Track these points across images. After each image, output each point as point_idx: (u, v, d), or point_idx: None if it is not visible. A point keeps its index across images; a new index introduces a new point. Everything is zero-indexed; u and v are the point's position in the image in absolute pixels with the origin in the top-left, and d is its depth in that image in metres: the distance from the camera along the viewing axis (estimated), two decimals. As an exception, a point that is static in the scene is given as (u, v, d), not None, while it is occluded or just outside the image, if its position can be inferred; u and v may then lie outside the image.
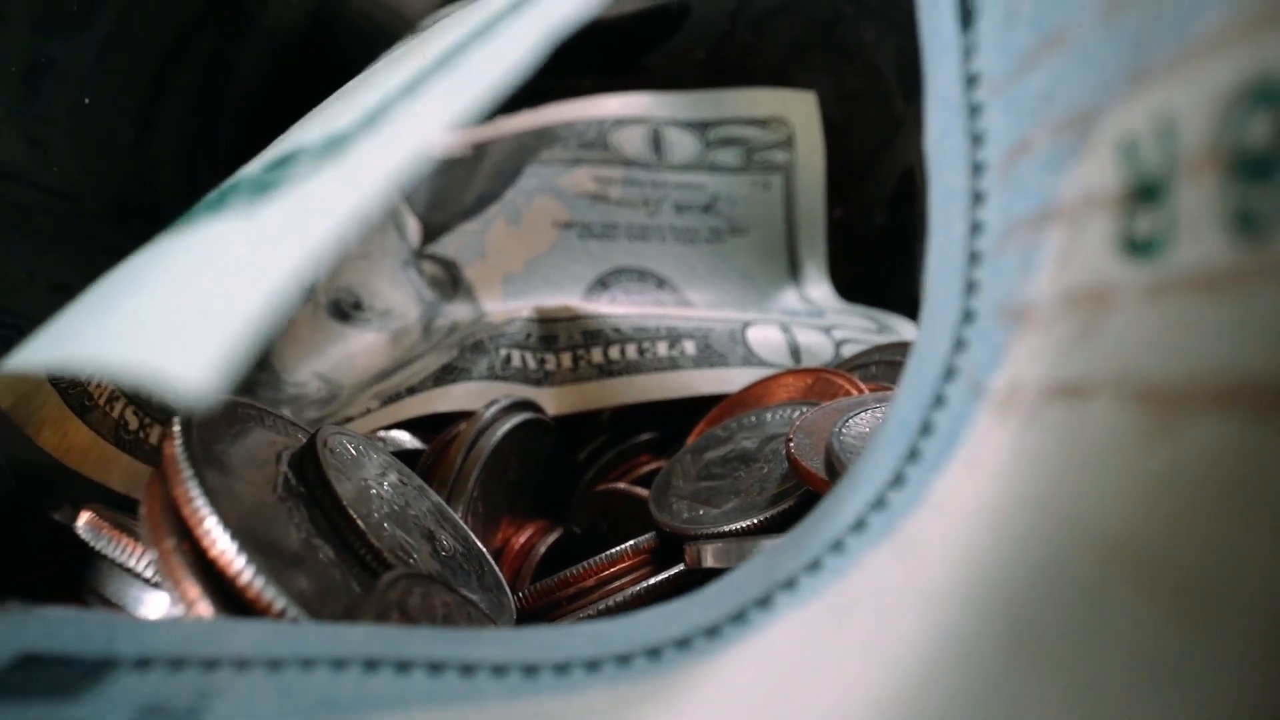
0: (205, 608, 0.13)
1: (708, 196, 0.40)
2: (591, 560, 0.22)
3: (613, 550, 0.22)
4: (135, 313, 0.08)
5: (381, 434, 0.28)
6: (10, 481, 0.20)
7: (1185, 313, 0.08)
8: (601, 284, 0.38)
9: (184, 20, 0.34)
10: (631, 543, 0.22)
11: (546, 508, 0.28)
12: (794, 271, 0.40)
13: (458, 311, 0.35)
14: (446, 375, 0.29)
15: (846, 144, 0.40)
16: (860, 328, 0.34)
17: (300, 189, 0.08)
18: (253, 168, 0.12)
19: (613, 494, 0.27)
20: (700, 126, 0.40)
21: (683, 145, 0.39)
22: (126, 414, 0.25)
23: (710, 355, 0.31)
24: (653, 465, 0.29)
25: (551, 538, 0.27)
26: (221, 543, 0.14)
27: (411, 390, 0.29)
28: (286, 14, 0.34)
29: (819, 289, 0.40)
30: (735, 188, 0.40)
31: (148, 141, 0.35)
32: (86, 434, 0.23)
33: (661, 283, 0.38)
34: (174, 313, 0.07)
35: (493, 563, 0.22)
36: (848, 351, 0.31)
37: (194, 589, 0.13)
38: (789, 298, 0.39)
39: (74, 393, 0.23)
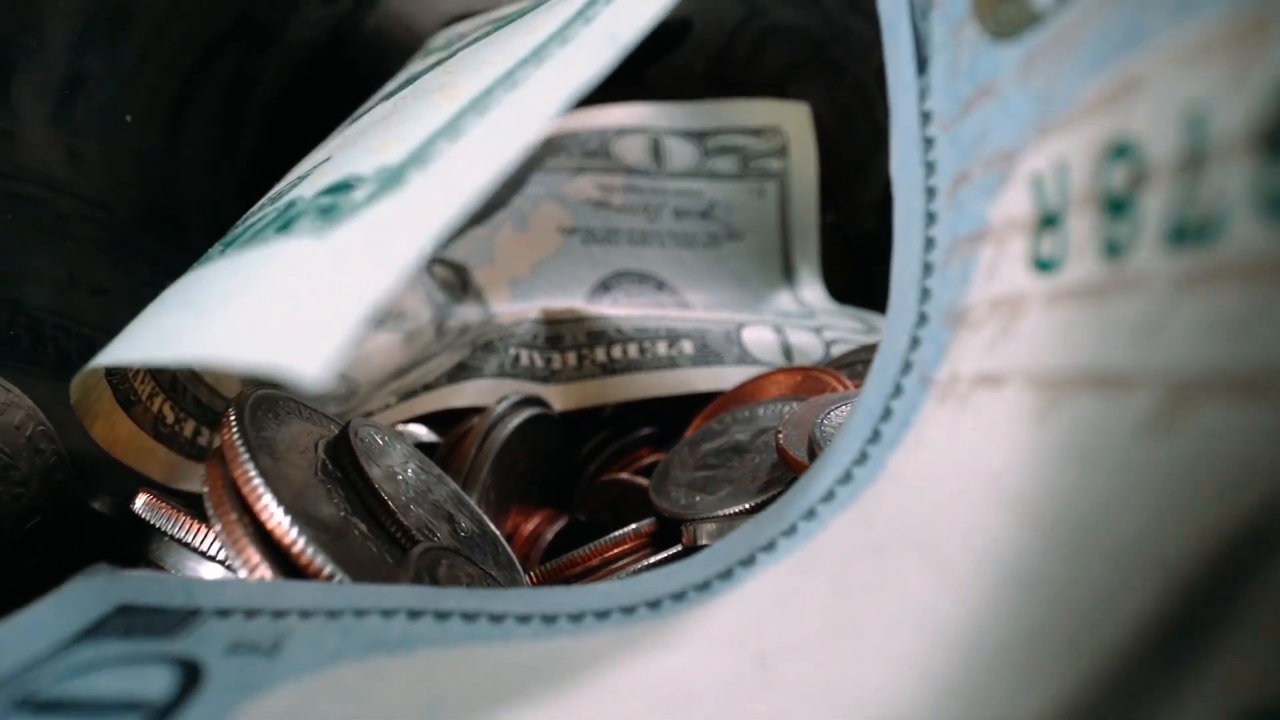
0: (265, 571, 0.15)
1: (705, 203, 0.42)
2: (597, 542, 0.24)
3: (616, 533, 0.24)
4: (241, 316, 0.10)
5: (400, 428, 0.30)
6: (70, 470, 0.23)
7: (1071, 317, 0.10)
8: (604, 286, 0.40)
9: (210, 37, 0.36)
10: (633, 526, 0.24)
11: (553, 497, 0.31)
12: (788, 274, 0.42)
13: (468, 313, 0.37)
14: (460, 373, 0.31)
15: (837, 153, 0.42)
16: (849, 328, 0.36)
17: (364, 216, 0.10)
18: (305, 191, 0.15)
19: (615, 484, 0.29)
20: (698, 136, 0.42)
21: (682, 154, 0.42)
22: (164, 409, 0.28)
23: (707, 354, 0.33)
24: (652, 458, 0.31)
25: (558, 525, 0.30)
26: (277, 517, 0.16)
27: (427, 387, 0.31)
28: (306, 31, 0.36)
29: (812, 291, 0.42)
30: (732, 194, 0.42)
31: (175, 151, 0.37)
32: (130, 427, 0.26)
33: (661, 285, 0.41)
34: (281, 317, 0.09)
35: (506, 544, 0.24)
36: (837, 351, 0.34)
37: (255, 556, 0.16)
38: (783, 299, 0.41)
39: (122, 388, 0.25)
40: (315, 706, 0.11)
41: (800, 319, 0.37)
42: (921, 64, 0.15)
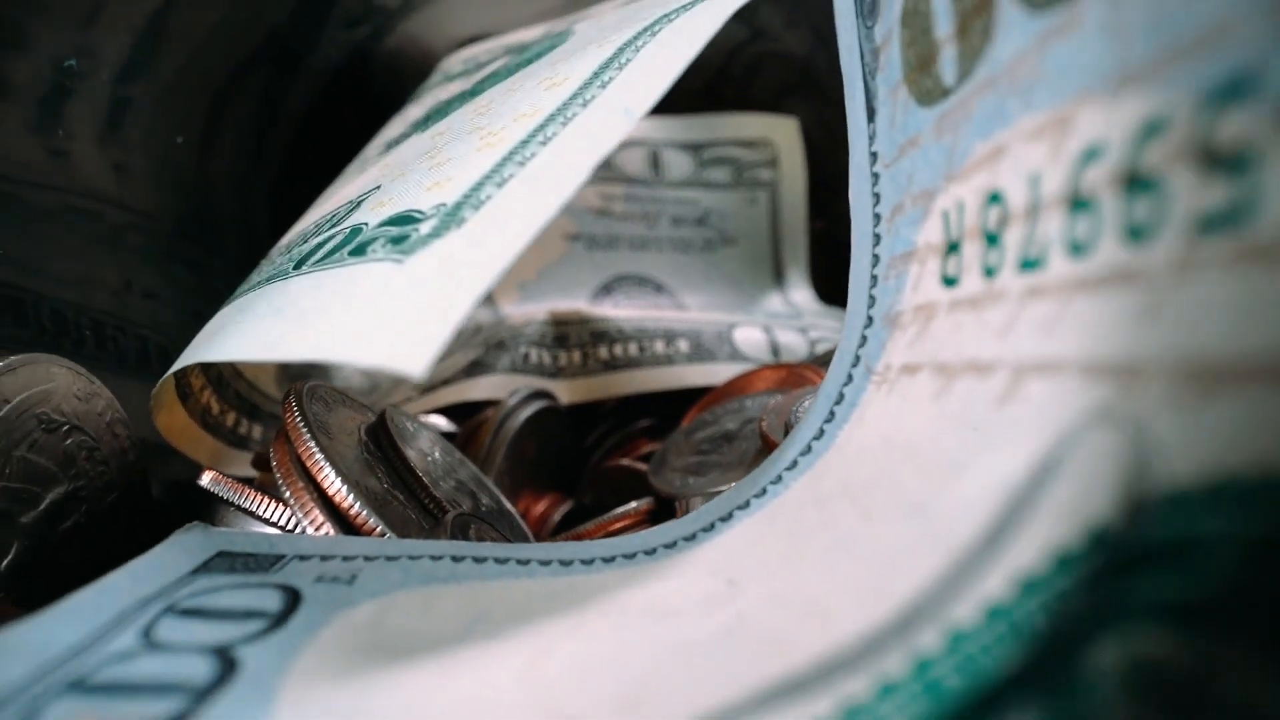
0: (329, 529, 0.19)
1: (701, 210, 0.46)
2: (600, 518, 0.28)
3: (618, 510, 0.28)
4: (342, 323, 0.13)
5: (421, 418, 0.33)
6: (139, 452, 0.26)
7: (960, 319, 0.14)
8: (606, 289, 0.43)
9: (240, 61, 0.40)
10: (634, 503, 0.28)
11: (560, 482, 0.34)
12: (778, 277, 0.46)
13: (480, 314, 0.40)
14: (475, 369, 0.35)
15: (825, 163, 0.46)
16: (833, 328, 0.39)
17: (434, 247, 0.14)
18: (367, 218, 0.18)
19: (617, 469, 0.33)
20: (695, 148, 0.45)
21: (679, 164, 0.45)
22: (211, 401, 0.31)
23: (701, 352, 0.37)
24: (650, 446, 0.34)
25: (564, 508, 0.33)
26: (337, 485, 0.20)
27: (445, 382, 0.34)
28: (330, 53, 0.40)
29: (801, 293, 0.46)
30: (726, 203, 0.46)
31: (208, 165, 0.40)
32: (184, 416, 0.29)
33: (660, 288, 0.44)
34: (379, 326, 0.13)
35: (521, 520, 0.27)
36: (821, 349, 0.37)
37: (320, 517, 0.19)
38: (773, 301, 0.45)
39: (181, 383, 0.28)
40: (389, 616, 0.14)
41: (788, 319, 0.41)
42: (871, 113, 0.18)
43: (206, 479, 0.24)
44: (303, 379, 0.34)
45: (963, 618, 0.10)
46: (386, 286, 0.14)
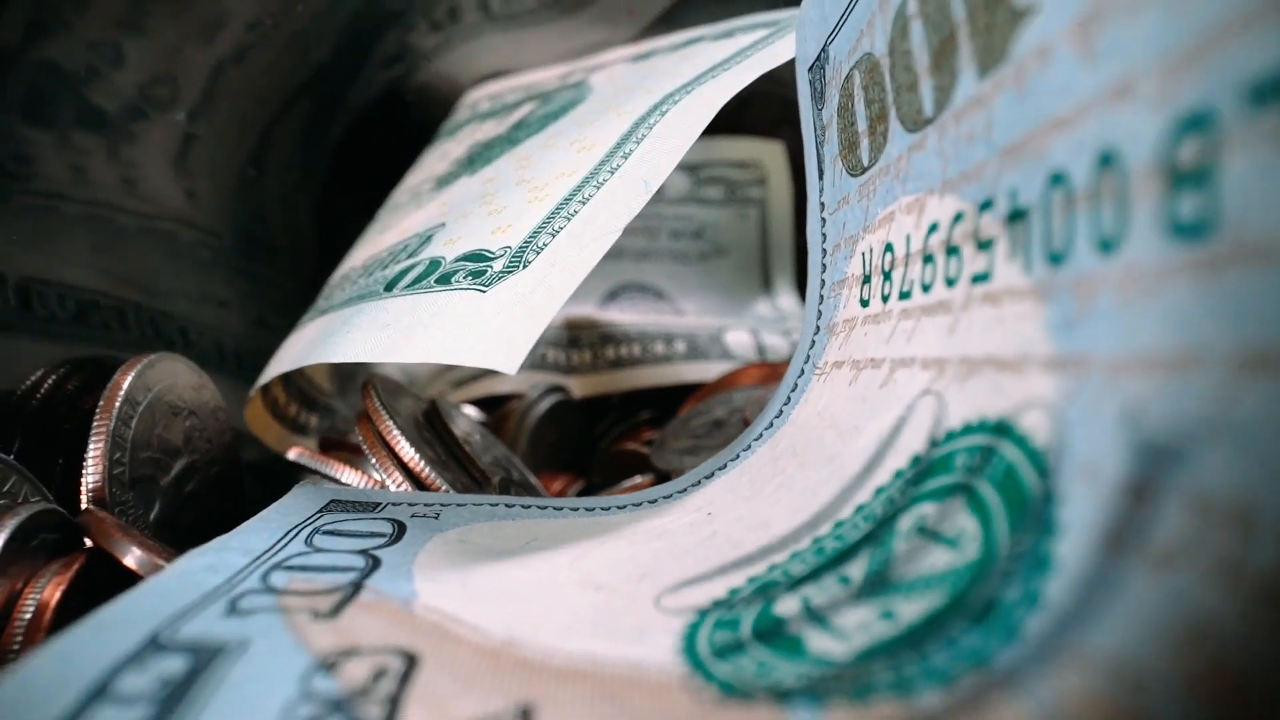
0: (406, 487, 0.26)
1: (697, 225, 0.52)
2: (609, 489, 0.34)
3: (624, 483, 0.35)
4: (446, 334, 0.20)
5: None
6: (233, 435, 0.33)
7: (866, 329, 0.20)
8: (612, 295, 0.50)
9: (287, 95, 0.46)
10: (638, 478, 0.34)
11: (573, 464, 0.41)
12: (767, 285, 0.53)
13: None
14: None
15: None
16: (812, 332, 0.46)
17: (509, 281, 0.21)
18: (442, 252, 0.25)
19: (623, 453, 0.39)
20: (691, 169, 0.52)
21: (677, 183, 0.52)
22: (279, 394, 0.38)
23: (696, 352, 0.43)
24: (651, 434, 0.41)
25: (578, 486, 0.40)
26: (411, 454, 0.26)
27: (474, 378, 0.41)
28: (369, 90, 0.47)
29: (787, 299, 0.53)
30: (719, 218, 0.53)
31: (261, 187, 0.47)
32: (261, 407, 0.36)
33: (660, 295, 0.51)
34: (477, 338, 0.19)
35: (544, 492, 0.34)
36: (800, 350, 0.44)
37: (400, 477, 0.26)
38: (762, 307, 0.52)
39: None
40: (470, 536, 0.21)
41: (774, 323, 0.48)
42: (820, 173, 0.25)
43: (293, 454, 0.31)
44: (352, 377, 0.41)
45: (844, 514, 0.16)
46: (477, 310, 0.20)
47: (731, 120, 0.54)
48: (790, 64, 0.27)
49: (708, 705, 0.12)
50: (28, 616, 0.19)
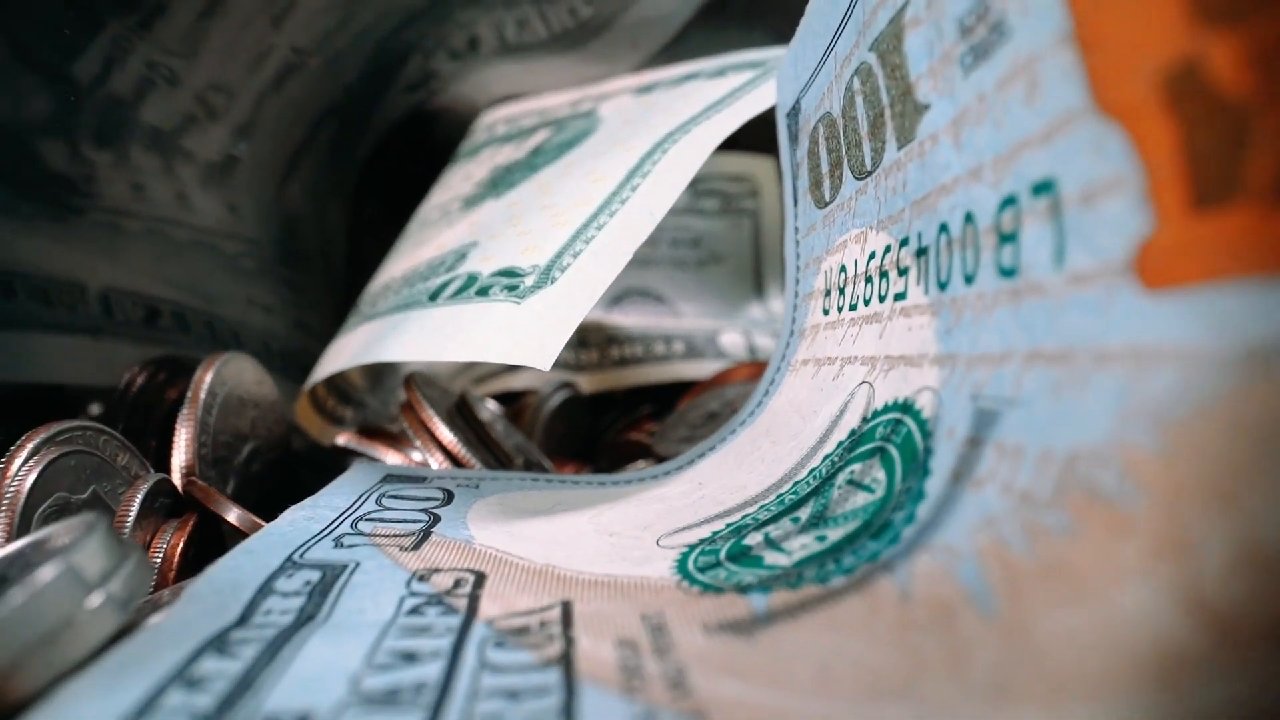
0: (447, 466, 0.31)
1: (695, 234, 0.58)
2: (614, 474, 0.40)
3: (627, 469, 0.40)
4: (487, 337, 0.26)
5: (476, 403, 0.46)
6: (288, 425, 0.38)
7: (828, 335, 0.26)
8: (616, 300, 0.56)
9: (318, 117, 0.52)
10: (640, 462, 0.40)
11: (582, 454, 0.47)
12: (759, 290, 0.58)
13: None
14: (515, 366, 0.47)
15: (799, 196, 0.58)
16: (800, 334, 0.52)
17: (540, 294, 0.26)
18: (479, 268, 0.30)
19: (627, 443, 0.45)
20: (690, 182, 0.58)
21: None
22: (321, 390, 0.44)
23: (693, 352, 0.49)
24: (652, 426, 0.47)
25: (586, 473, 0.46)
26: (449, 438, 0.32)
27: (493, 375, 0.47)
28: (393, 112, 0.52)
29: (778, 302, 0.58)
30: (716, 227, 0.58)
31: (292, 198, 0.52)
32: (306, 401, 0.42)
33: (660, 299, 0.57)
34: (515, 341, 0.25)
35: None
36: (788, 350, 0.50)
37: (441, 457, 0.32)
38: (754, 310, 0.57)
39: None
40: (507, 501, 0.27)
41: (765, 325, 0.53)
42: (795, 201, 0.31)
43: (342, 439, 0.37)
44: (380, 376, 0.46)
45: (800, 476, 0.22)
46: (513, 319, 0.26)
47: (728, 138, 0.60)
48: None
49: (693, 596, 0.17)
50: (158, 560, 0.25)
